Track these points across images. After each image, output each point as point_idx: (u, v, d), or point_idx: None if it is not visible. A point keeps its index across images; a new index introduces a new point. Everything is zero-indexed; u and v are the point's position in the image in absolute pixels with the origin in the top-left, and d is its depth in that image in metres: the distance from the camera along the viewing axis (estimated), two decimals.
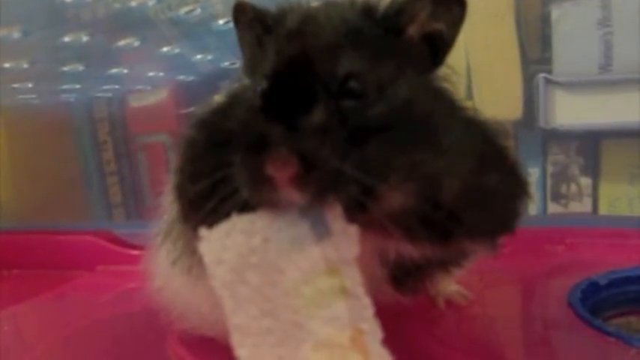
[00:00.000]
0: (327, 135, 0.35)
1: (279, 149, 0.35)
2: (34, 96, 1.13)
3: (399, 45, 0.41)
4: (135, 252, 0.83)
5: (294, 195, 0.36)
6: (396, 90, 0.39)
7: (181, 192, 0.44)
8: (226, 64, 0.97)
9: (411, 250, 0.42)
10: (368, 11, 0.42)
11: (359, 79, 0.38)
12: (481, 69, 0.91)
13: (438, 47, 0.42)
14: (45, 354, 0.60)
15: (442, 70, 0.43)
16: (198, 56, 1.01)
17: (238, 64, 0.53)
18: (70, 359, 0.59)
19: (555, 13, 0.87)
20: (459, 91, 0.44)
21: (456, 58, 0.95)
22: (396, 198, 0.37)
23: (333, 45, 0.39)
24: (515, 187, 0.44)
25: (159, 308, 0.53)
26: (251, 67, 0.44)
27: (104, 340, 0.62)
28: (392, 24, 0.41)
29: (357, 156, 0.36)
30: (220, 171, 0.38)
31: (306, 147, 0.35)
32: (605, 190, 0.92)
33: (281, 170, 0.35)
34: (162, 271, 0.52)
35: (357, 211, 0.37)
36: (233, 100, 0.44)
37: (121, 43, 1.02)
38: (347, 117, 0.37)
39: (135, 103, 1.14)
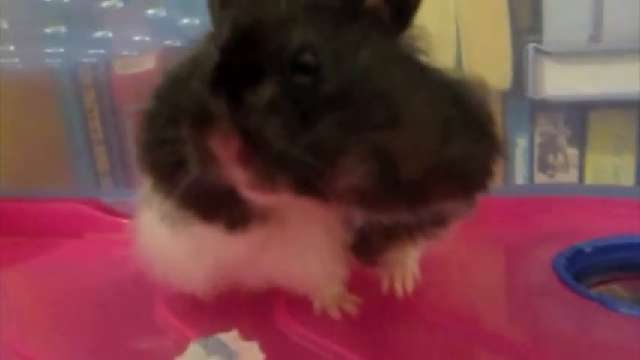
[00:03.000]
0: (275, 112, 0.35)
1: (222, 125, 0.34)
2: (16, 60, 1.11)
3: (361, 12, 0.39)
4: (123, 220, 0.83)
5: (239, 173, 0.35)
6: (355, 63, 0.37)
7: (142, 164, 0.44)
8: None
9: (377, 217, 0.42)
10: None
11: (313, 52, 0.36)
12: (471, 37, 0.90)
13: (402, 8, 0.40)
14: (32, 320, 0.61)
15: (412, 32, 0.41)
16: (185, 20, 0.99)
17: None
18: (58, 325, 0.59)
19: None
20: (432, 49, 0.41)
21: (446, 25, 0.95)
22: (347, 180, 0.36)
23: (287, 16, 0.37)
24: (489, 148, 0.43)
25: (146, 273, 0.54)
26: (212, 34, 0.42)
27: (92, 307, 0.62)
28: None
29: (308, 135, 0.35)
30: (175, 144, 0.38)
31: (250, 124, 0.34)
32: (592, 160, 0.93)
33: (224, 147, 0.35)
34: (148, 228, 0.53)
35: (307, 191, 0.36)
36: (190, 69, 0.41)
37: (105, 4, 1.00)
38: (298, 93, 0.35)
39: (121, 70, 1.12)
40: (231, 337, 0.40)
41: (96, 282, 0.69)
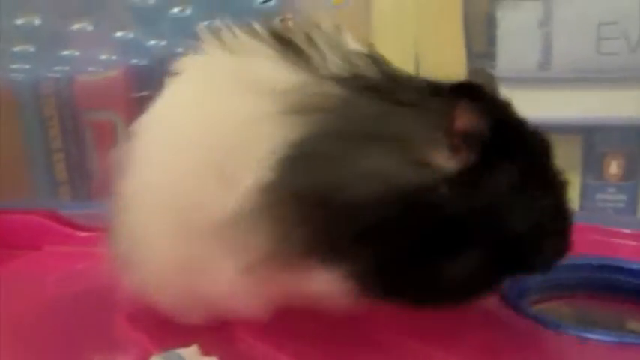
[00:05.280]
0: None
1: None
2: None
3: None
4: (82, 233, 0.83)
5: None
6: None
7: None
8: (180, 49, 0.95)
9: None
10: None
11: None
12: (429, 60, 0.94)
13: None
14: None
15: None
16: (152, 42, 1.00)
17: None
18: (15, 337, 0.58)
19: (500, 11, 0.91)
20: None
21: (405, 50, 0.97)
22: None
23: None
24: None
25: (110, 285, 0.53)
26: None
27: (50, 320, 0.61)
28: None
29: None
30: None
31: None
32: None
33: None
34: (129, 235, 0.52)
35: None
36: None
37: (75, 27, 0.99)
38: None
39: (83, 78, 1.11)
40: (190, 352, 0.41)
41: (54, 295, 0.68)
